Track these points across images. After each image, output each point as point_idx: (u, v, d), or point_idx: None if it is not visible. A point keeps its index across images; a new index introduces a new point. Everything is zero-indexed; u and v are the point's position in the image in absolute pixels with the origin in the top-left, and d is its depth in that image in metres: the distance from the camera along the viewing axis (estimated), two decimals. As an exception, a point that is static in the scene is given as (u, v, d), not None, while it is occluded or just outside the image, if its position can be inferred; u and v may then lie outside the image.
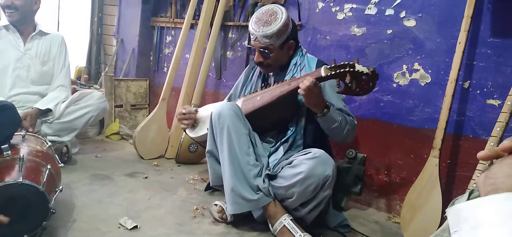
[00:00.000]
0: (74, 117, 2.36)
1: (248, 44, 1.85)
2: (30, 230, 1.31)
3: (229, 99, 2.08)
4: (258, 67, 1.88)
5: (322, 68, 1.54)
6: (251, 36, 1.78)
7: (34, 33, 2.37)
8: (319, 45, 2.38)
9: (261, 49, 1.74)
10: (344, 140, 1.74)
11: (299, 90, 1.55)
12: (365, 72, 1.42)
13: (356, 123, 1.75)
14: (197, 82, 2.80)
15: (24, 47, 2.34)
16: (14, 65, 2.31)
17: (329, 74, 1.50)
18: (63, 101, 2.38)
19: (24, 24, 2.34)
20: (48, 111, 2.29)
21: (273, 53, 1.74)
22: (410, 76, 2.06)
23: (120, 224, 1.58)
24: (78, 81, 3.63)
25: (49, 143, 1.68)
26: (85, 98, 2.43)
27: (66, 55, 2.52)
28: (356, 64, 1.44)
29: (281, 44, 1.74)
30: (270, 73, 1.90)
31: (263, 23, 1.70)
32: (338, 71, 1.46)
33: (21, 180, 1.25)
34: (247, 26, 2.76)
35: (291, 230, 1.54)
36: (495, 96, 1.82)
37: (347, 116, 1.71)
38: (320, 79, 1.54)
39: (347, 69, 1.44)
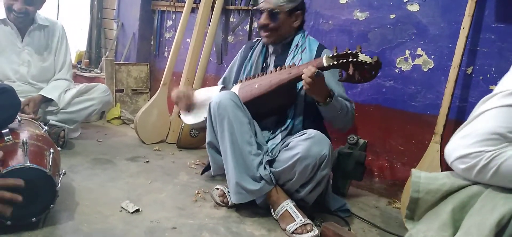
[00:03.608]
0: (78, 108, 2.37)
1: (255, 7, 1.83)
2: (38, 213, 1.31)
3: (223, 82, 2.05)
4: (261, 32, 1.83)
5: (324, 57, 1.50)
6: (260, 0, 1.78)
7: (32, 27, 2.29)
8: (321, 30, 2.36)
9: (270, 10, 1.74)
10: (344, 128, 1.74)
11: (302, 82, 1.53)
12: (368, 61, 1.38)
13: (354, 108, 1.75)
14: (198, 67, 2.79)
15: (22, 42, 2.27)
16: (13, 62, 2.26)
17: (331, 64, 1.47)
18: (65, 91, 2.38)
19: (25, 22, 2.27)
20: (50, 100, 2.28)
21: (280, 15, 1.74)
22: (412, 62, 2.05)
23: (122, 207, 1.59)
24: (79, 66, 3.62)
25: (46, 127, 1.68)
26: (91, 91, 2.43)
27: (67, 49, 2.47)
28: (359, 53, 1.39)
29: (290, 9, 1.75)
30: (270, 52, 1.88)
31: None
32: (340, 61, 1.43)
33: (28, 164, 1.25)
34: (248, 10, 2.75)
35: (292, 214, 1.55)
36: (498, 82, 1.80)
37: (347, 103, 1.70)
38: (322, 69, 1.50)
39: (350, 60, 1.40)
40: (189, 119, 1.96)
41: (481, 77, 1.86)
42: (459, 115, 1.92)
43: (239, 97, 1.67)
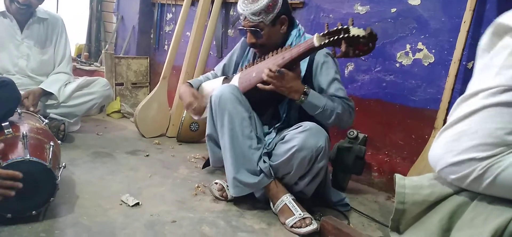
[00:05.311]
0: (79, 102, 2.38)
1: (239, 27, 1.76)
2: (38, 206, 1.32)
3: (223, 71, 1.98)
4: (252, 48, 1.80)
5: (315, 36, 1.43)
6: (241, 17, 1.71)
7: (31, 20, 2.28)
8: (322, 23, 2.35)
9: (252, 29, 1.67)
10: (337, 124, 1.63)
11: (264, 81, 1.51)
12: (361, 35, 1.31)
13: (351, 105, 1.64)
14: (198, 60, 2.78)
15: (21, 34, 2.27)
16: (12, 54, 2.25)
17: (323, 43, 1.40)
18: (65, 85, 2.37)
19: (26, 14, 2.25)
20: (50, 94, 2.27)
21: (264, 31, 1.67)
22: (413, 56, 2.04)
23: (122, 201, 1.60)
24: (78, 59, 3.61)
25: (46, 121, 1.68)
26: (91, 85, 2.43)
27: (67, 43, 2.46)
28: (350, 28, 1.33)
29: (272, 20, 1.66)
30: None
31: (251, 1, 1.65)
32: (331, 39, 1.37)
33: (28, 157, 1.25)
34: (248, 4, 2.73)
35: (291, 208, 1.55)
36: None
37: (337, 100, 1.60)
38: (313, 49, 1.44)
39: (341, 36, 1.34)
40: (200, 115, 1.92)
41: (481, 72, 1.85)
42: (459, 110, 1.92)
43: (240, 90, 1.65)
